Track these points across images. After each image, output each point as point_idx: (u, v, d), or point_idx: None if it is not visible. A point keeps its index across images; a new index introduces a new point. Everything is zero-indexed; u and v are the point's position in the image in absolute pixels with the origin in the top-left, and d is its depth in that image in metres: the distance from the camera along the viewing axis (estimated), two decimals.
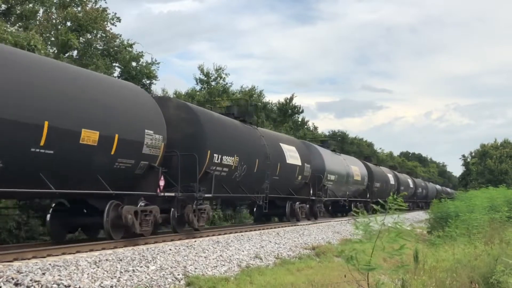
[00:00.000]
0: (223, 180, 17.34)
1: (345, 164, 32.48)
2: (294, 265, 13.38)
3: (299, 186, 24.50)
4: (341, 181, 30.71)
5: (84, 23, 23.75)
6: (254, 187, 19.98)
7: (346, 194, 32.08)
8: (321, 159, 27.91)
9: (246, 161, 18.60)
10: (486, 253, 12.50)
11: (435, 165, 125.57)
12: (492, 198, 26.41)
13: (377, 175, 39.99)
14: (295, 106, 48.04)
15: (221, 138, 17.16)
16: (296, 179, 24.10)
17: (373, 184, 37.96)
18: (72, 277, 8.57)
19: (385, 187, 41.13)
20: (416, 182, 59.38)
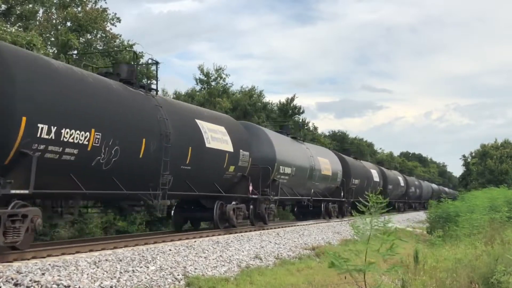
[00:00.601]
0: None
1: (309, 155, 26.25)
2: (294, 266, 13.37)
3: (232, 180, 18.41)
4: (301, 176, 24.70)
5: (84, 23, 23.75)
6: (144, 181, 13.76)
7: (311, 193, 26.52)
8: (271, 146, 21.63)
9: (119, 140, 12.32)
10: (487, 253, 12.49)
11: (435, 165, 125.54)
12: (493, 198, 26.41)
13: (356, 170, 33.61)
14: (296, 106, 48.03)
15: None
16: (226, 170, 17.95)
17: (349, 181, 31.58)
18: (72, 277, 8.56)
19: (366, 185, 34.87)
20: (408, 180, 54.60)
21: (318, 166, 26.62)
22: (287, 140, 24.93)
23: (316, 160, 26.83)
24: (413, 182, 57.36)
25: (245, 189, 18.94)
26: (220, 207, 17.34)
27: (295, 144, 25.80)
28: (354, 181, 32.81)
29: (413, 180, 59.92)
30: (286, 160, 22.68)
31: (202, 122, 16.46)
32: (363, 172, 36.00)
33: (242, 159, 18.36)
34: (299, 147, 25.92)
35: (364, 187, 33.42)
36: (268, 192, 20.71)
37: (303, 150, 26.03)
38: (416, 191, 58.30)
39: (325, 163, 28.04)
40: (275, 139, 22.44)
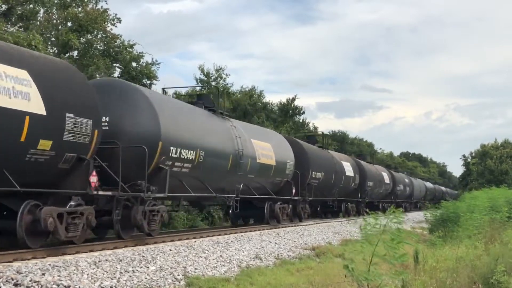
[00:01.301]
0: None
1: None
2: (294, 266, 13.37)
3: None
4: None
5: (85, 23, 23.76)
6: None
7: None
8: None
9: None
10: (487, 253, 12.50)
11: (435, 165, 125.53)
12: (493, 198, 26.42)
13: (317, 161, 27.07)
14: (297, 106, 48.05)
15: None
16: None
17: (308, 175, 25.45)
18: (72, 277, 8.57)
19: (334, 180, 29.24)
20: (396, 177, 47.48)
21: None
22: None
23: None
24: (401, 179, 50.54)
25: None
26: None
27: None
28: (316, 174, 26.40)
29: (402, 177, 53.05)
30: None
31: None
32: (328, 164, 28.76)
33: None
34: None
35: (330, 183, 28.38)
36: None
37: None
38: (406, 190, 51.75)
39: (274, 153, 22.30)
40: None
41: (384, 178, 42.21)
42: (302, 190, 24.18)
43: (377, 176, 39.92)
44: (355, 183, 34.06)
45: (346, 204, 33.33)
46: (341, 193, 31.58)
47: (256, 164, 19.74)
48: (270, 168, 21.15)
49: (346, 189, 32.57)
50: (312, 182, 25.70)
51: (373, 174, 38.32)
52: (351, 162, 34.73)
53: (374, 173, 39.16)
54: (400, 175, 51.72)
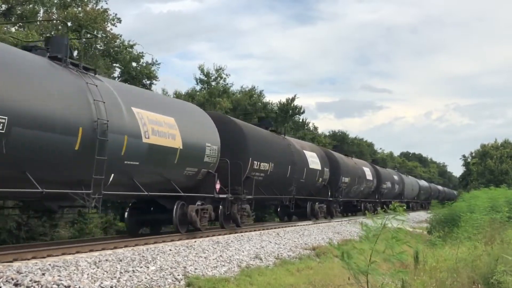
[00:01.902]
0: None
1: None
2: (294, 266, 13.37)
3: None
4: None
5: (84, 23, 23.74)
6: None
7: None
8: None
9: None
10: (487, 253, 12.50)
11: (435, 165, 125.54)
12: (493, 198, 26.41)
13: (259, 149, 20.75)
14: (296, 106, 48.04)
15: None
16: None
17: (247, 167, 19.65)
18: (72, 277, 8.56)
19: (290, 174, 23.59)
20: (381, 173, 41.62)
21: None
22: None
23: None
24: (388, 176, 44.42)
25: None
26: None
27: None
28: (258, 164, 20.21)
29: (389, 173, 46.73)
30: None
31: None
32: (282, 153, 23.01)
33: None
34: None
35: (284, 177, 23.04)
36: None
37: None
38: (394, 188, 45.31)
39: None
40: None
41: (365, 174, 36.28)
42: (237, 185, 18.30)
43: (356, 171, 33.92)
44: (324, 179, 28.57)
45: (312, 203, 27.57)
46: (304, 190, 26.06)
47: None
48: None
49: (310, 186, 26.94)
50: (254, 175, 19.80)
51: (349, 169, 32.31)
52: (318, 152, 28.87)
53: (351, 167, 33.15)
54: (387, 171, 45.56)
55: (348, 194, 32.04)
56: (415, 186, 57.92)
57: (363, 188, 35.89)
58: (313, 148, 29.35)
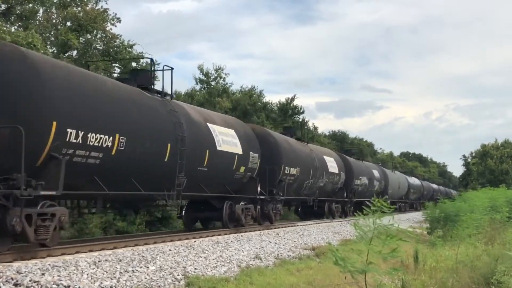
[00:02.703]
0: None
1: None
2: (294, 266, 13.37)
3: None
4: None
5: (84, 23, 23.75)
6: None
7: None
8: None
9: None
10: (487, 253, 12.49)
11: (435, 165, 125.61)
12: (493, 198, 26.40)
13: None
14: (296, 106, 48.05)
15: None
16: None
17: None
18: (72, 277, 8.56)
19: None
20: (353, 165, 32.57)
21: None
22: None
23: None
24: (364, 170, 35.34)
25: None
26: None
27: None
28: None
29: (368, 166, 38.06)
30: None
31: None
32: None
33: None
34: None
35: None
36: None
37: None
38: (373, 185, 36.64)
39: None
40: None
41: (327, 165, 28.38)
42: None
43: (310, 161, 25.87)
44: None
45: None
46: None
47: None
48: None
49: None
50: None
51: (299, 157, 24.33)
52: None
53: (303, 155, 25.23)
54: (362, 164, 36.89)
55: (297, 191, 26.57)
56: (403, 183, 49.20)
57: (324, 184, 28.56)
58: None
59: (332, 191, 30.17)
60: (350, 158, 33.87)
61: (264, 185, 20.22)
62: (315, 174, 26.05)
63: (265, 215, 20.86)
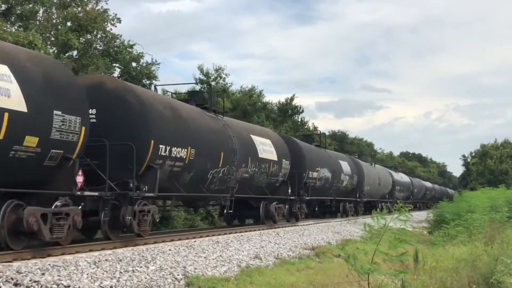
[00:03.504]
0: None
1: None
2: (294, 266, 13.37)
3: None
4: None
5: (84, 23, 23.75)
6: None
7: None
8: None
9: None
10: (486, 253, 12.49)
11: (435, 165, 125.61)
12: (493, 198, 26.40)
13: None
14: (296, 106, 48.06)
15: None
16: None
17: None
18: (72, 277, 8.56)
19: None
20: (304, 150, 25.12)
21: None
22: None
23: None
24: (325, 161, 27.76)
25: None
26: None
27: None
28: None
29: (331, 155, 30.36)
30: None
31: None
32: None
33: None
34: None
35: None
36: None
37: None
38: (340, 181, 29.99)
39: None
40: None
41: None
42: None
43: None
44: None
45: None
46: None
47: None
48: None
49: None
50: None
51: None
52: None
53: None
54: (322, 153, 28.42)
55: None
56: (385, 179, 41.31)
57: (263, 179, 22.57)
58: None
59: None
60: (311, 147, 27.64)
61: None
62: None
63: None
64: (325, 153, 29.52)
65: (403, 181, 49.94)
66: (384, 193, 41.50)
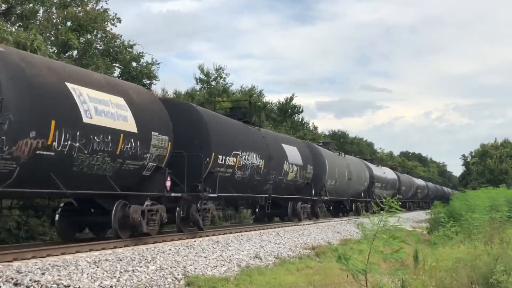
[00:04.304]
0: None
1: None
2: (294, 265, 13.38)
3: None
4: None
5: (84, 22, 23.74)
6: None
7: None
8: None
9: None
10: (486, 253, 12.49)
11: (435, 165, 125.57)
12: (493, 198, 26.38)
13: None
14: (295, 106, 48.08)
15: None
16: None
17: None
18: (72, 277, 8.57)
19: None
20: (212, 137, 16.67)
21: None
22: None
23: None
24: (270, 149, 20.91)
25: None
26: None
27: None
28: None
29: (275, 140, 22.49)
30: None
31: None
32: None
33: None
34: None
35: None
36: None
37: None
38: (286, 175, 22.64)
39: None
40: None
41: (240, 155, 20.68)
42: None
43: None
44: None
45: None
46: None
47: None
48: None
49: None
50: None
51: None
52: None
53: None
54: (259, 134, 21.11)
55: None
56: (359, 174, 34.18)
57: None
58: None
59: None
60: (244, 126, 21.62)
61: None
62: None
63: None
64: (257, 132, 21.25)
65: (385, 177, 42.15)
66: (358, 191, 34.49)
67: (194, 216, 15.51)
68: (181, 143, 15.04)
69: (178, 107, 16.47)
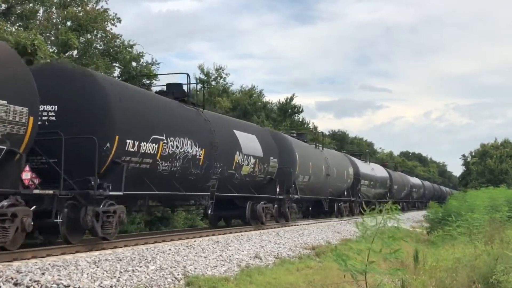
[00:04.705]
0: None
1: None
2: (294, 265, 13.38)
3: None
4: None
5: (84, 22, 23.73)
6: None
7: None
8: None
9: None
10: (486, 253, 12.49)
11: (435, 165, 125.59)
12: (493, 198, 26.40)
13: None
14: (295, 106, 48.07)
15: None
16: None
17: None
18: (72, 277, 8.57)
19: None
20: None
21: None
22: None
23: None
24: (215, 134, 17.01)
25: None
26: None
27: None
28: None
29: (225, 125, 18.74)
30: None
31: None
32: None
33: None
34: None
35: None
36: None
37: None
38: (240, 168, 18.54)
39: None
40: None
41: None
42: None
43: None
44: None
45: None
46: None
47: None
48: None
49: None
50: None
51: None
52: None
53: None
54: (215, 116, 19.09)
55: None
56: (341, 170, 31.05)
57: None
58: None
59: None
60: None
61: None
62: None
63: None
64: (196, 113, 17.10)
65: (374, 174, 38.87)
66: (340, 189, 31.23)
67: (86, 222, 11.37)
68: (69, 122, 11.62)
69: (68, 72, 12.40)
